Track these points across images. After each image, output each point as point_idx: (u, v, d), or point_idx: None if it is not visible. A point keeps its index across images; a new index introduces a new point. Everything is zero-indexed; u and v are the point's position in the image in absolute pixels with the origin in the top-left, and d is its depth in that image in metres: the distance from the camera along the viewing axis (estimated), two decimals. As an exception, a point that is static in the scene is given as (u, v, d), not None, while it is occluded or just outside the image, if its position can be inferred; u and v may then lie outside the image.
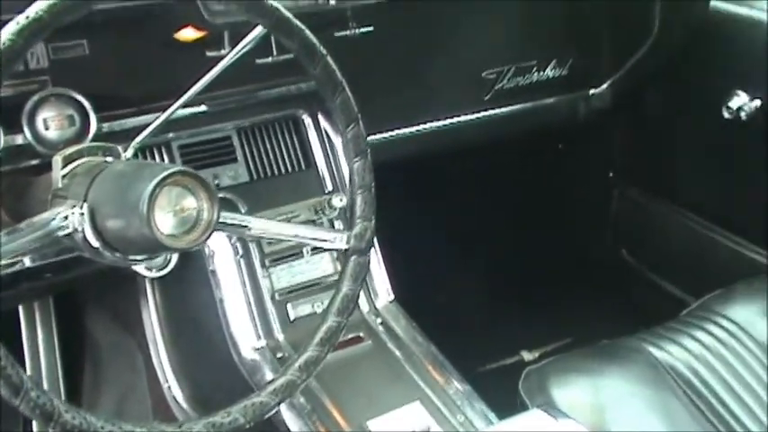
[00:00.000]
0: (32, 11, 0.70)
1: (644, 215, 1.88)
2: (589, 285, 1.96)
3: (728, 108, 1.52)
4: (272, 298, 1.20)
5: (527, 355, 1.85)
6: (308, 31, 0.86)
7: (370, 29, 1.21)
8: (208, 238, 0.81)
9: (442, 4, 1.38)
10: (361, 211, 0.93)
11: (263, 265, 1.21)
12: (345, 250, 0.93)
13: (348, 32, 1.18)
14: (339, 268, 1.24)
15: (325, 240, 0.95)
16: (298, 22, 0.85)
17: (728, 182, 1.62)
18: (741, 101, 1.50)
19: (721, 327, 1.27)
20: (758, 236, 1.58)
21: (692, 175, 1.71)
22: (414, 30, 1.36)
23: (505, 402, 1.11)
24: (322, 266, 1.24)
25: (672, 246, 1.82)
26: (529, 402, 1.10)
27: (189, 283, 1.27)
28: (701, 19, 1.52)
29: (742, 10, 1.50)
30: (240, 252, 1.20)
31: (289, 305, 1.21)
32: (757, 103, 1.49)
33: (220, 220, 0.82)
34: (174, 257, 1.23)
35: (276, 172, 1.27)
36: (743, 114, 1.50)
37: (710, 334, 1.26)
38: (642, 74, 1.66)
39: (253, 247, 1.21)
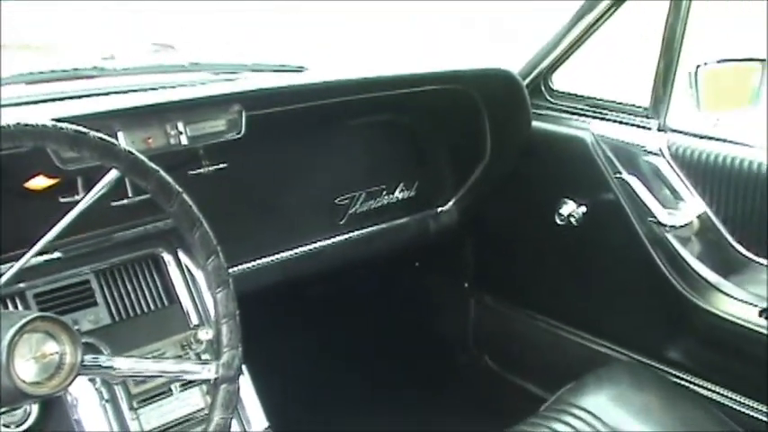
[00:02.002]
0: None
1: (499, 320, 1.99)
2: (458, 391, 2.02)
3: (560, 215, 1.68)
4: (143, 440, 1.18)
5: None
6: (162, 172, 0.91)
7: (224, 165, 1.27)
8: (72, 382, 0.81)
9: (292, 139, 1.46)
10: (228, 339, 0.96)
11: (130, 408, 1.18)
12: (215, 380, 0.94)
13: (202, 170, 1.24)
14: (210, 401, 1.25)
15: (192, 373, 0.96)
16: (151, 164, 0.90)
17: (568, 282, 1.77)
18: (570, 208, 1.67)
19: (576, 417, 1.36)
20: (599, 328, 1.72)
21: (536, 279, 1.85)
22: (267, 163, 1.43)
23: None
24: (192, 401, 1.23)
25: (526, 347, 1.93)
26: None
27: (51, 435, 1.22)
28: (526, 139, 1.69)
29: (562, 129, 1.69)
30: (106, 396, 1.17)
31: (160, 446, 1.18)
32: (583, 209, 1.65)
33: (84, 363, 0.82)
34: (35, 410, 1.18)
35: (139, 311, 1.27)
36: (573, 220, 1.66)
37: (567, 424, 1.35)
38: (481, 191, 1.80)
39: (119, 390, 1.18)
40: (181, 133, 1.15)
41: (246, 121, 1.22)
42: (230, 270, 1.35)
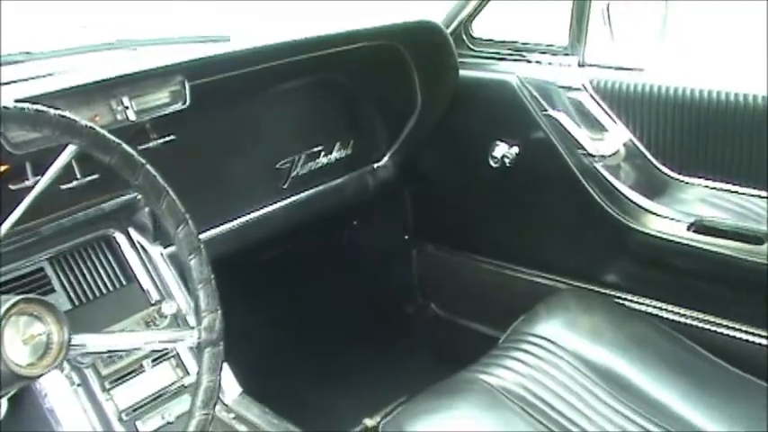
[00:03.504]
0: None
1: (443, 267, 2.05)
2: (410, 342, 2.08)
3: (494, 157, 1.74)
4: (120, 420, 1.18)
5: (369, 422, 1.91)
6: (124, 145, 0.90)
7: (172, 137, 1.27)
8: (63, 359, 0.81)
9: (233, 107, 1.47)
10: (206, 304, 0.97)
11: (103, 389, 1.18)
12: (198, 344, 0.96)
13: (151, 144, 1.23)
14: (181, 375, 1.26)
15: (176, 341, 0.97)
16: (113, 138, 0.90)
17: (507, 221, 1.83)
18: (503, 150, 1.73)
19: (534, 344, 1.44)
20: (542, 262, 1.80)
21: (476, 223, 1.91)
22: (213, 133, 1.44)
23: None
24: (164, 376, 1.24)
25: (473, 290, 2.00)
26: (392, 452, 1.17)
27: (25, 429, 1.21)
28: (454, 88, 1.74)
29: (487, 75, 1.75)
30: (77, 381, 1.17)
31: (138, 422, 1.19)
32: (516, 149, 1.72)
33: (71, 342, 0.82)
34: (4, 404, 1.17)
35: (98, 293, 1.26)
36: (506, 161, 1.73)
37: (527, 352, 1.42)
38: (415, 143, 1.84)
39: (89, 373, 1.18)
40: (127, 108, 1.14)
41: (191, 92, 1.22)
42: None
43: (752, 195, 1.56)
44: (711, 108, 1.53)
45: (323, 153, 1.71)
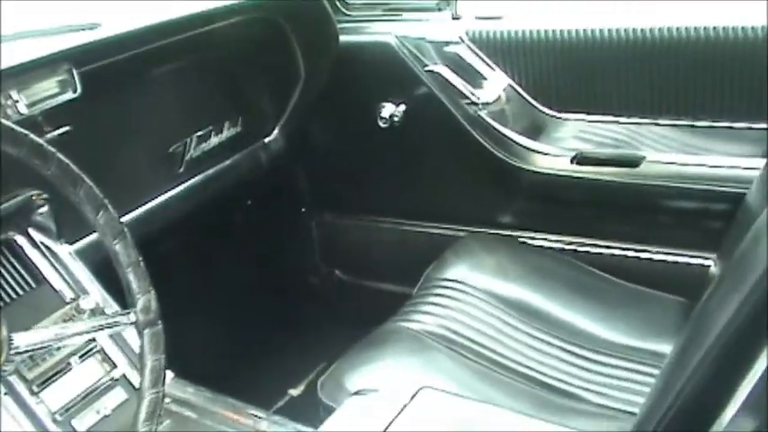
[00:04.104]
0: None
1: (343, 233, 2.09)
2: (320, 311, 2.12)
3: (382, 118, 1.78)
4: (54, 421, 1.15)
5: (294, 391, 1.94)
6: (32, 135, 0.88)
7: (68, 129, 1.23)
8: (6, 358, 0.79)
9: (123, 94, 1.43)
10: (138, 286, 0.96)
11: (31, 393, 1.14)
12: (136, 326, 0.95)
13: (47, 137, 1.19)
14: (108, 369, 1.24)
15: (113, 325, 0.96)
16: (20, 129, 0.87)
17: (402, 179, 1.89)
18: (390, 110, 1.78)
19: (448, 287, 1.51)
20: (441, 214, 1.87)
21: (372, 185, 1.96)
22: (107, 122, 1.40)
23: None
24: (93, 372, 1.22)
25: (376, 251, 2.05)
26: (335, 405, 1.20)
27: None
28: (335, 53, 1.77)
29: (365, 38, 1.79)
30: (3, 390, 1.13)
31: (74, 421, 1.16)
32: (403, 107, 1.77)
33: (11, 339, 0.80)
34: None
35: (7, 299, 1.21)
36: (395, 120, 1.78)
37: (442, 296, 1.49)
38: (302, 113, 1.86)
39: (13, 380, 1.14)
40: (17, 102, 1.10)
41: (80, 80, 1.19)
42: (87, 238, 1.33)
43: (622, 123, 1.69)
44: (579, 46, 1.63)
45: (213, 133, 1.70)
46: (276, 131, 1.86)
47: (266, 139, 1.85)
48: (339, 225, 2.08)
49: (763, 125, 1.50)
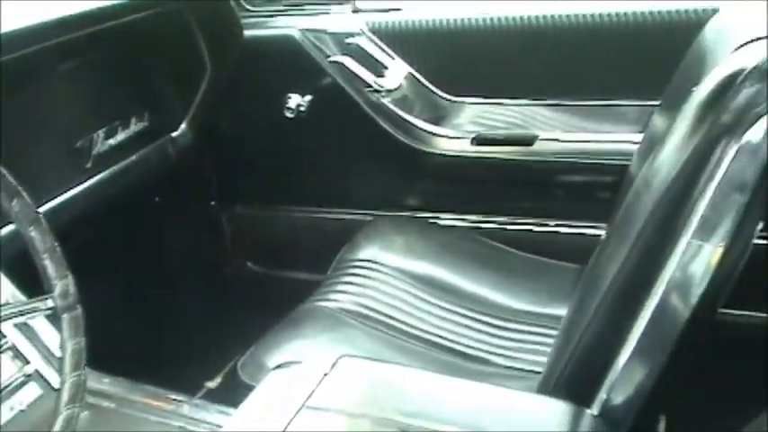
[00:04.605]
0: None
1: (255, 225, 2.11)
2: (235, 303, 2.14)
3: (289, 109, 1.83)
4: (-30, 422, 1.14)
5: (210, 384, 1.95)
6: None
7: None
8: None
9: (29, 90, 1.43)
10: (55, 271, 0.98)
11: (-58, 396, 1.14)
12: (54, 312, 0.97)
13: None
14: (21, 365, 1.23)
15: (29, 312, 0.97)
16: None
17: (311, 167, 1.94)
18: (296, 101, 1.83)
19: (360, 267, 1.57)
20: (350, 200, 1.93)
21: (281, 176, 1.99)
22: (17, 118, 1.39)
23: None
24: (6, 369, 1.21)
25: (288, 241, 2.09)
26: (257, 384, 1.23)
27: None
28: (240, 47, 1.80)
29: (269, 32, 1.83)
30: None
31: (-10, 418, 1.16)
32: (309, 97, 1.82)
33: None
34: None
35: None
36: (302, 110, 1.83)
37: (356, 275, 1.55)
38: (209, 107, 1.88)
39: None
40: None
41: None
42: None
43: (515, 106, 1.79)
44: (473, 34, 1.73)
45: (120, 128, 1.70)
46: (184, 126, 1.87)
47: (174, 134, 1.86)
48: (250, 216, 2.11)
49: (641, 102, 1.63)
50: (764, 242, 1.13)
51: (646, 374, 0.97)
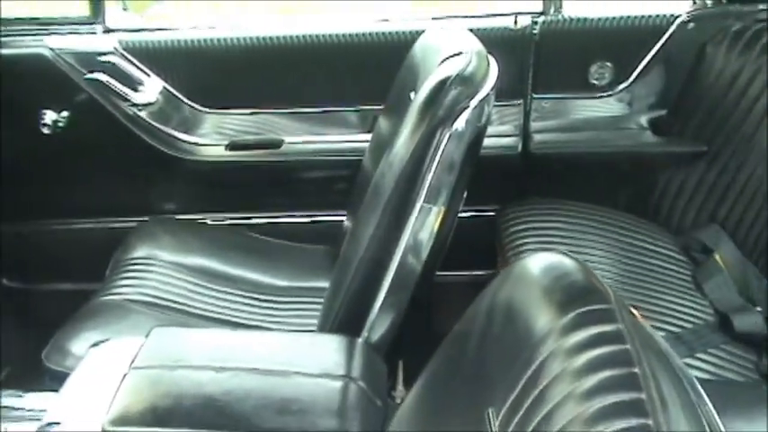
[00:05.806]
0: None
1: (18, 242, 2.07)
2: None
3: (46, 125, 1.90)
4: None
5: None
6: None
7: None
8: None
9: None
10: None
11: None
12: None
13: None
14: None
15: None
16: None
17: (76, 180, 2.00)
18: (52, 117, 1.90)
19: (137, 264, 1.73)
20: (115, 209, 2.04)
21: (46, 190, 2.01)
22: None
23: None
24: None
25: (57, 255, 2.08)
26: (66, 369, 1.35)
27: None
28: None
29: (18, 51, 1.90)
30: None
31: None
32: (66, 113, 1.90)
33: None
34: None
35: None
36: (59, 125, 1.91)
37: (134, 271, 1.71)
38: None
39: None
40: None
41: None
42: None
43: (261, 114, 2.04)
44: (221, 51, 1.95)
45: None
46: None
47: None
48: (12, 233, 2.08)
49: (368, 107, 1.97)
50: (465, 215, 1.52)
51: (395, 313, 1.31)
